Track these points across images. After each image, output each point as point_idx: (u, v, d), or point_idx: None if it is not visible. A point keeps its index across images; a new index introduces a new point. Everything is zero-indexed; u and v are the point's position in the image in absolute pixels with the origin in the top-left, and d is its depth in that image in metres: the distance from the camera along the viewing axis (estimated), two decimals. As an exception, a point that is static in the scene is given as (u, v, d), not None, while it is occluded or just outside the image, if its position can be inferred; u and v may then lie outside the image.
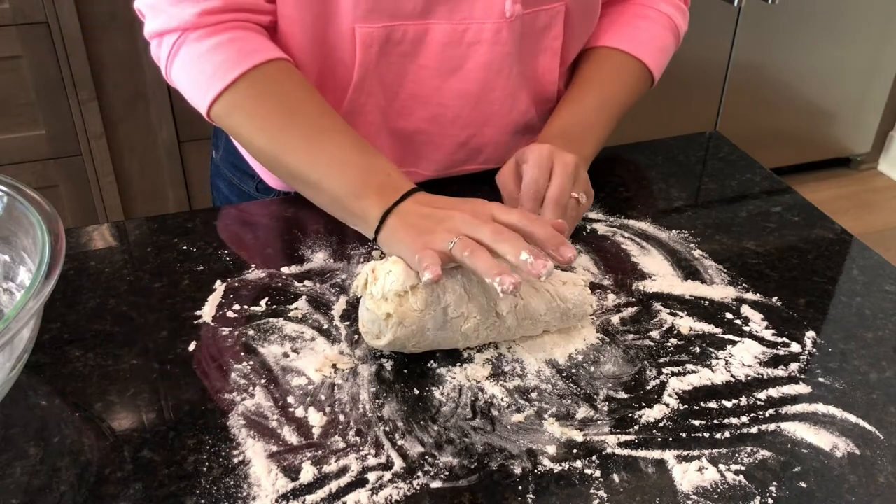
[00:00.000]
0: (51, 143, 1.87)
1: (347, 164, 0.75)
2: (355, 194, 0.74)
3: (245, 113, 0.79)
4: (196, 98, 0.81)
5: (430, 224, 0.69)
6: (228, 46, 0.78)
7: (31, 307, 0.55)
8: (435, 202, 0.72)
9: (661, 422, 0.64)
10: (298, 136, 0.77)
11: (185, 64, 0.80)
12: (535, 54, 0.90)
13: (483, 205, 0.70)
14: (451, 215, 0.68)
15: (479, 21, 0.83)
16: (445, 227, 0.67)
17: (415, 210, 0.71)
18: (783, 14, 2.38)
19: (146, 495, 0.57)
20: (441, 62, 0.85)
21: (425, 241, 0.67)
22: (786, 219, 0.90)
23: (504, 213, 0.68)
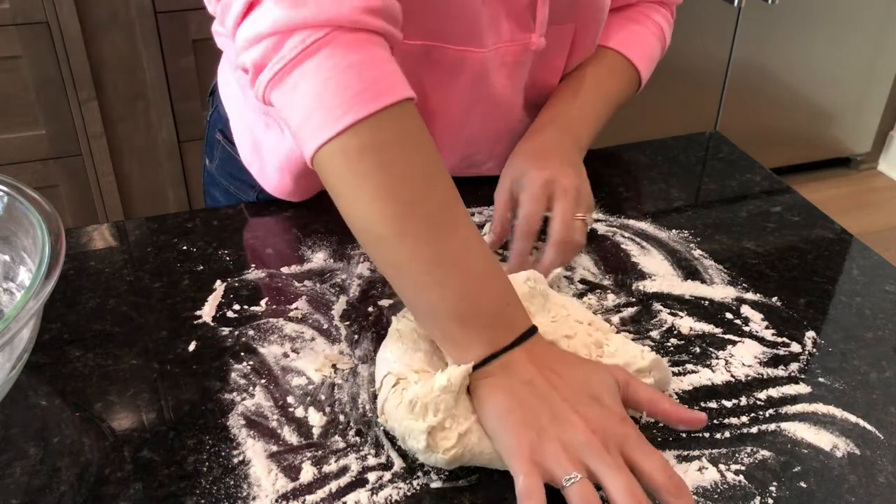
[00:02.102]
0: (51, 143, 1.87)
1: (471, 275, 0.60)
2: (467, 317, 0.59)
3: (377, 160, 0.59)
4: (317, 120, 0.60)
5: (540, 414, 0.56)
6: (384, 66, 0.61)
7: (31, 307, 0.55)
8: (554, 368, 0.58)
9: (661, 422, 0.64)
10: (422, 228, 0.60)
11: (320, 70, 0.60)
12: (541, 71, 0.89)
13: (616, 417, 0.56)
14: (571, 421, 0.55)
15: (507, 44, 0.82)
16: (563, 437, 0.55)
17: (527, 374, 0.58)
18: (783, 14, 2.38)
19: (146, 495, 0.57)
20: (474, 88, 0.83)
21: (533, 450, 0.54)
22: (786, 219, 0.90)
23: (644, 451, 0.54)
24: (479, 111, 0.87)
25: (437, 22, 0.78)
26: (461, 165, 0.94)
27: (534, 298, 0.68)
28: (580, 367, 0.60)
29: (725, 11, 2.31)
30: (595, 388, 0.58)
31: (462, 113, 0.86)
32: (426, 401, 0.57)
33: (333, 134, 0.59)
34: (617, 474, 0.53)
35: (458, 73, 0.82)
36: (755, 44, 2.42)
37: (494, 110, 0.88)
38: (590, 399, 0.57)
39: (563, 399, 0.57)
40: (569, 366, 0.60)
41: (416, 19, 0.76)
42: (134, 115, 1.90)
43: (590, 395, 0.57)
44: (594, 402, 0.57)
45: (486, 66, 0.82)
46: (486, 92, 0.85)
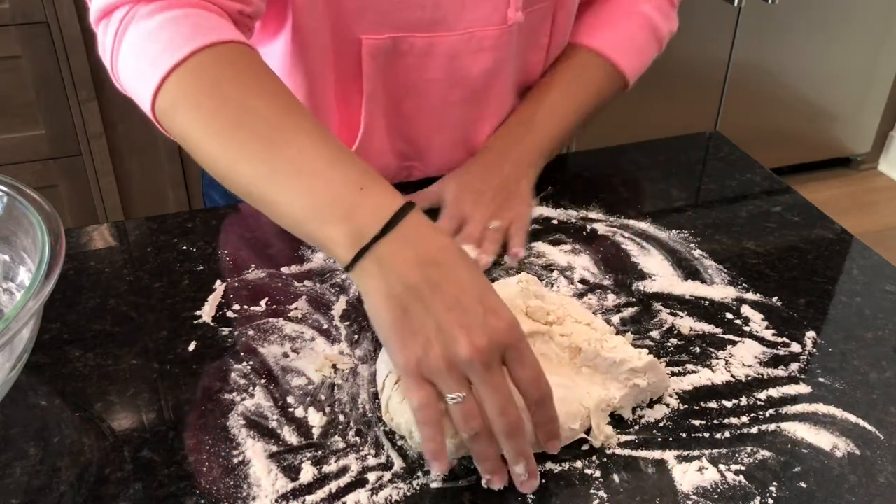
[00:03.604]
0: (51, 142, 1.87)
1: (314, 174, 0.59)
2: (321, 217, 0.57)
3: (192, 105, 0.62)
4: (141, 91, 0.65)
5: (425, 326, 0.53)
6: (182, 21, 0.64)
7: (31, 307, 0.55)
8: (434, 262, 0.55)
9: (661, 422, 0.64)
10: (255, 139, 0.60)
11: (131, 48, 0.66)
12: (526, 52, 0.90)
13: (499, 325, 0.54)
14: (455, 336, 0.53)
15: (482, 28, 0.83)
16: (447, 352, 0.53)
17: (404, 273, 0.54)
18: (783, 14, 2.38)
19: (146, 495, 0.57)
20: (449, 73, 0.85)
21: (420, 363, 0.53)
22: (786, 219, 0.90)
23: (519, 362, 0.54)
24: (459, 95, 0.87)
25: (399, 13, 0.79)
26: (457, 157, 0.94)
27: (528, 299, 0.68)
28: (464, 261, 0.57)
29: (725, 11, 2.31)
30: (479, 288, 0.55)
31: (441, 99, 0.87)
32: None
33: (151, 96, 0.64)
34: (493, 393, 0.53)
35: (428, 60, 0.83)
36: (755, 44, 2.42)
37: (477, 95, 0.88)
38: (475, 303, 0.54)
39: (447, 309, 0.53)
40: (452, 256, 0.56)
41: (377, 12, 0.78)
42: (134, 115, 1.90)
43: (474, 297, 0.54)
44: (480, 310, 0.54)
45: (457, 49, 0.83)
46: (462, 75, 0.85)
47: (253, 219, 0.90)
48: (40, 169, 1.89)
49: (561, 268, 0.81)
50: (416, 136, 0.91)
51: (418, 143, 0.91)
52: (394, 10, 0.79)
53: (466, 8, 0.81)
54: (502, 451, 0.55)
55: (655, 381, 0.64)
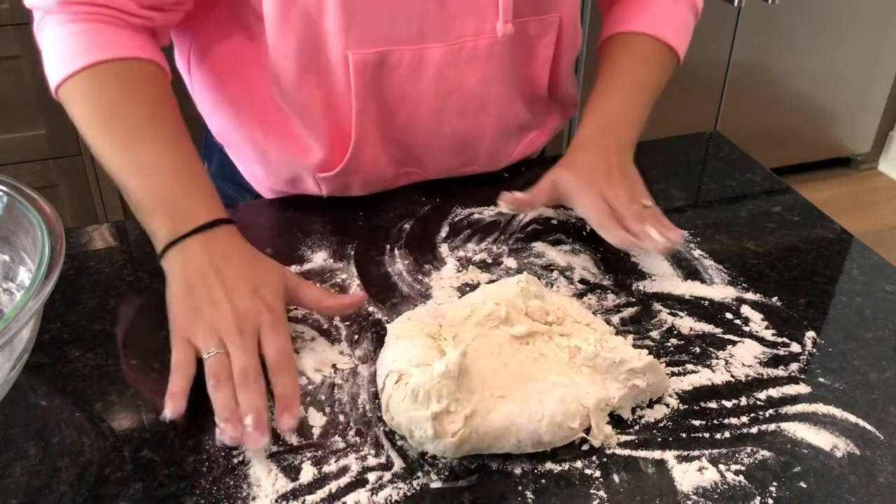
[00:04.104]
0: (51, 143, 1.87)
1: (148, 174, 0.73)
2: (147, 209, 0.72)
3: (79, 106, 0.77)
4: (49, 75, 0.79)
5: (202, 300, 0.66)
6: (83, 37, 0.76)
7: (31, 307, 0.55)
8: (226, 258, 0.68)
9: (661, 422, 0.64)
10: (117, 138, 0.75)
11: (46, 40, 0.79)
12: (527, 61, 0.89)
13: (259, 304, 0.66)
14: (220, 306, 0.65)
15: (473, 38, 0.82)
16: (213, 319, 0.65)
17: (198, 260, 0.68)
18: (783, 14, 2.38)
19: (146, 495, 0.57)
20: (440, 85, 0.85)
21: (189, 326, 0.65)
22: (786, 219, 0.90)
23: (270, 337, 0.65)
24: (453, 107, 0.87)
25: (385, 28, 0.79)
26: (456, 164, 0.94)
27: (528, 299, 0.68)
28: (251, 262, 0.70)
29: (725, 11, 2.31)
30: (255, 281, 0.67)
31: (434, 111, 0.87)
32: (428, 388, 0.58)
33: (54, 88, 0.78)
34: (241, 354, 0.63)
35: (418, 72, 0.83)
36: (755, 44, 2.41)
37: (471, 104, 0.88)
38: (248, 289, 0.66)
39: (222, 286, 0.66)
40: (242, 258, 0.70)
41: (362, 28, 0.77)
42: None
43: (249, 286, 0.67)
44: (249, 292, 0.66)
45: (447, 60, 0.83)
46: (453, 86, 0.85)
47: (253, 219, 0.90)
48: (40, 169, 1.89)
49: (561, 268, 0.81)
50: (412, 145, 0.90)
51: (415, 151, 0.91)
52: (379, 25, 0.78)
53: (454, 20, 0.81)
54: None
55: (655, 382, 0.64)
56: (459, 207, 0.90)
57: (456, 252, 0.83)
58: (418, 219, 0.89)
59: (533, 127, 0.98)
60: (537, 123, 0.99)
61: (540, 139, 1.01)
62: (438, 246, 0.84)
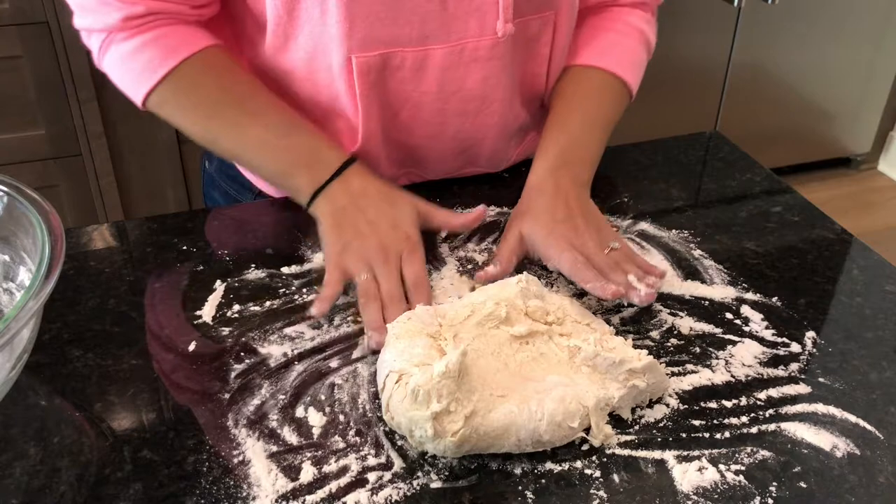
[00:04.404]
0: (51, 143, 1.87)
1: (274, 146, 0.81)
2: (286, 174, 0.81)
3: (175, 107, 0.83)
4: (129, 93, 0.83)
5: (351, 234, 0.76)
6: (154, 45, 0.80)
7: (31, 307, 0.55)
8: (364, 194, 0.79)
9: (661, 422, 0.64)
10: (225, 124, 0.82)
11: (115, 62, 0.82)
12: (526, 60, 0.89)
13: (399, 235, 0.76)
14: (367, 238, 0.75)
15: (475, 39, 0.82)
16: (362, 249, 0.75)
17: (342, 201, 0.78)
18: (783, 14, 2.38)
19: (146, 495, 0.57)
20: (442, 86, 0.85)
21: (342, 257, 0.75)
22: (786, 219, 0.90)
23: (409, 261, 0.75)
24: (455, 108, 0.87)
25: (387, 31, 0.79)
26: (457, 165, 0.94)
27: (528, 299, 0.68)
28: (387, 197, 0.79)
29: (725, 11, 2.31)
30: (393, 215, 0.78)
31: (437, 112, 0.87)
32: (428, 388, 0.58)
33: (141, 102, 0.83)
34: (387, 278, 0.73)
35: (421, 73, 0.83)
36: (755, 44, 2.41)
37: (473, 105, 0.88)
38: (387, 221, 0.77)
39: (367, 222, 0.77)
40: (378, 193, 0.79)
41: (364, 33, 0.78)
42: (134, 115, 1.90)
43: (388, 218, 0.77)
44: (390, 225, 0.77)
45: (449, 61, 0.83)
46: (456, 87, 0.85)
47: (253, 219, 0.90)
48: (40, 169, 1.89)
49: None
50: (414, 146, 0.91)
51: (416, 152, 0.91)
52: (381, 27, 0.79)
53: (455, 21, 0.81)
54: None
55: (655, 382, 0.64)
56: (459, 207, 0.90)
57: (456, 252, 0.83)
58: (418, 219, 0.89)
59: (532, 128, 0.98)
60: (536, 124, 0.99)
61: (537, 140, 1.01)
62: (438, 246, 0.84)
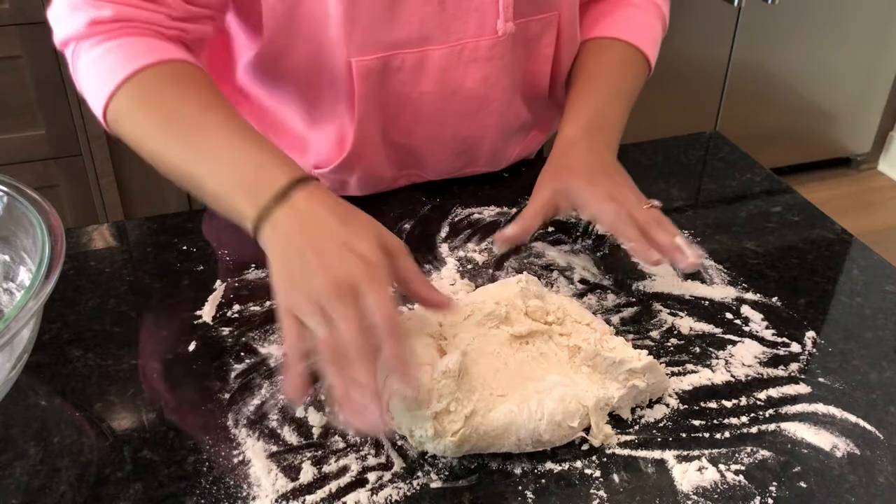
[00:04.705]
0: (51, 143, 1.86)
1: (218, 161, 0.68)
2: (227, 195, 0.66)
3: (130, 119, 0.73)
4: (94, 107, 0.76)
5: (296, 270, 0.60)
6: (116, 52, 0.73)
7: (31, 307, 0.55)
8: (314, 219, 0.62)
9: (661, 422, 0.64)
10: (176, 137, 0.71)
11: (82, 73, 0.76)
12: (528, 60, 0.89)
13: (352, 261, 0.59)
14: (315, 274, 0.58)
15: (474, 39, 0.82)
16: (309, 288, 0.58)
17: (289, 232, 0.62)
18: (783, 14, 2.38)
19: (146, 495, 0.57)
20: (441, 86, 0.84)
21: (290, 300, 0.59)
22: (786, 219, 0.90)
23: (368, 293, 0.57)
24: (454, 108, 0.87)
25: (386, 33, 0.79)
26: (457, 165, 0.94)
27: (528, 299, 0.68)
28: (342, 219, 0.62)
29: (725, 11, 2.31)
30: (344, 235, 0.61)
31: (436, 112, 0.87)
32: (428, 388, 0.58)
33: (101, 115, 0.74)
34: (343, 323, 0.56)
35: (420, 74, 0.83)
36: (755, 44, 2.41)
37: (472, 105, 0.87)
38: (337, 247, 0.60)
39: (313, 251, 0.60)
40: (332, 217, 0.62)
41: (363, 37, 0.77)
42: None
43: (338, 242, 0.60)
44: (338, 249, 0.59)
45: (448, 62, 0.83)
46: (455, 87, 0.85)
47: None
48: (40, 169, 1.89)
49: (561, 268, 0.81)
50: (413, 148, 0.90)
51: (415, 153, 0.91)
52: (380, 30, 0.78)
53: (454, 21, 0.81)
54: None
55: (655, 383, 0.64)
56: (459, 207, 0.90)
57: (456, 252, 0.83)
58: (418, 219, 0.89)
59: (533, 126, 0.98)
60: (537, 123, 0.99)
61: (539, 138, 1.01)
62: (438, 246, 0.84)
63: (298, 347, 0.57)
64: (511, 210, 0.90)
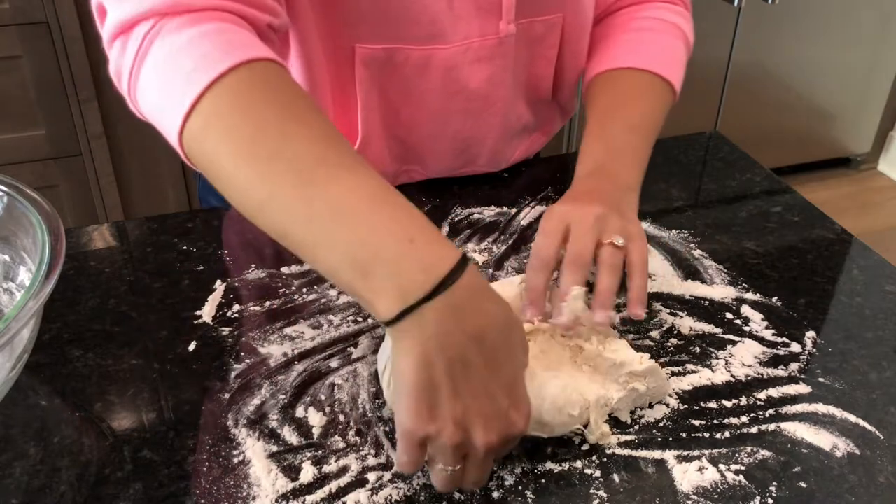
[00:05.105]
0: (51, 143, 1.86)
1: (356, 220, 0.52)
2: (359, 270, 0.51)
3: (226, 128, 0.56)
4: (169, 112, 0.58)
5: (445, 401, 0.51)
6: (215, 36, 0.58)
7: (31, 307, 0.55)
8: (476, 332, 0.51)
9: (661, 422, 0.64)
10: (293, 172, 0.54)
11: (157, 65, 0.59)
12: (531, 62, 0.89)
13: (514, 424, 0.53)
14: (472, 423, 0.51)
15: (479, 39, 0.82)
16: (454, 441, 0.51)
17: (442, 339, 0.50)
18: (783, 14, 2.38)
19: (146, 495, 0.57)
20: (445, 85, 0.84)
21: (427, 435, 0.51)
22: (786, 219, 0.90)
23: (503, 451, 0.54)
24: (458, 107, 0.87)
25: (396, 26, 0.78)
26: (457, 164, 0.94)
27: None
28: (503, 344, 0.53)
29: (725, 11, 2.31)
30: (511, 377, 0.54)
31: (439, 110, 0.86)
32: None
33: (180, 123, 0.57)
34: (478, 470, 0.54)
35: (425, 71, 0.82)
36: (755, 44, 2.41)
37: (476, 105, 0.87)
38: (502, 395, 0.53)
39: (474, 396, 0.51)
40: (495, 336, 0.53)
41: (372, 24, 0.77)
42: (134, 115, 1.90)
43: (504, 387, 0.53)
44: (504, 400, 0.53)
45: (454, 61, 0.82)
46: (459, 87, 0.85)
47: (253, 219, 0.89)
48: (40, 169, 1.89)
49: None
50: (416, 143, 0.90)
51: (418, 149, 0.91)
52: (389, 23, 0.78)
53: (462, 21, 0.81)
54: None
55: (655, 387, 0.64)
56: (459, 207, 0.90)
57: (456, 252, 0.83)
58: (418, 219, 0.89)
59: (535, 128, 0.98)
60: (539, 125, 0.99)
61: (540, 140, 1.01)
62: (438, 246, 0.84)
63: (413, 470, 0.54)
64: (511, 210, 0.90)
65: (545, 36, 0.87)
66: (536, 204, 0.91)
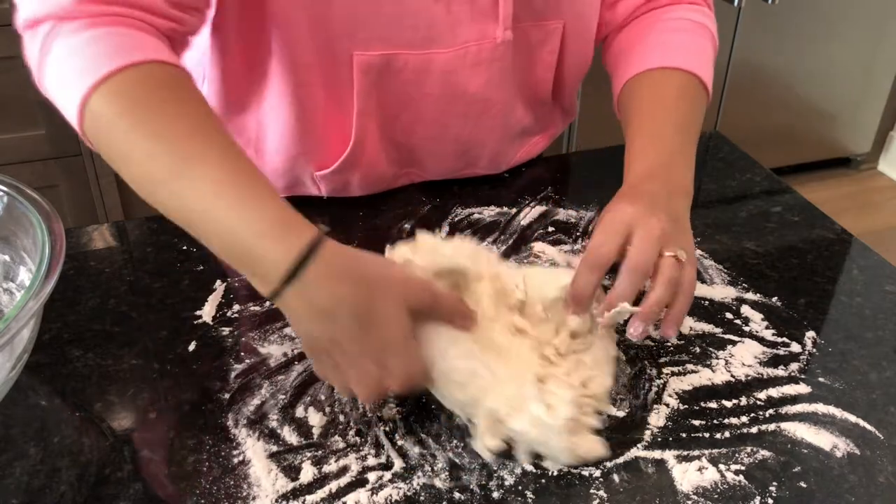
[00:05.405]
0: (51, 143, 1.86)
1: (216, 219, 0.59)
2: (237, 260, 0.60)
3: (112, 126, 0.62)
4: (66, 104, 0.65)
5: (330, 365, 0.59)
6: (106, 40, 0.64)
7: (31, 307, 0.55)
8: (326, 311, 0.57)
9: (661, 422, 0.64)
10: (164, 167, 0.60)
11: (56, 61, 0.65)
12: (530, 66, 0.89)
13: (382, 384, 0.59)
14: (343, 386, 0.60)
15: (477, 43, 0.82)
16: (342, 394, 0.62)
17: (304, 323, 0.59)
18: (783, 14, 2.38)
19: (146, 495, 0.57)
20: (444, 89, 0.84)
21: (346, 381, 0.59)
22: (786, 219, 0.90)
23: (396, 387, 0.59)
24: (457, 111, 0.87)
25: (392, 31, 0.78)
26: (458, 166, 0.94)
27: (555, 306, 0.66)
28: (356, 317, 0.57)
29: (725, 11, 2.31)
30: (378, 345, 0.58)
31: (438, 114, 0.86)
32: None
33: (78, 110, 0.63)
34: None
35: (424, 76, 0.82)
36: (755, 44, 2.41)
37: (475, 108, 0.87)
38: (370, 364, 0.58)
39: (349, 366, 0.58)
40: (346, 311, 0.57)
41: (368, 31, 0.77)
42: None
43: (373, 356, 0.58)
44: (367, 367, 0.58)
45: (452, 65, 0.82)
46: (458, 91, 0.85)
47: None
48: (40, 169, 1.89)
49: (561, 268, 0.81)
50: (414, 148, 0.90)
51: (416, 153, 0.91)
52: (386, 29, 0.78)
53: (460, 26, 0.80)
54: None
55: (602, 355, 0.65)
56: (459, 207, 0.90)
57: (456, 252, 0.83)
58: (418, 219, 0.89)
59: (535, 132, 0.98)
60: (540, 128, 0.98)
61: (541, 143, 1.01)
62: (438, 246, 0.84)
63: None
64: (511, 210, 0.90)
65: (544, 41, 0.87)
66: (536, 204, 0.91)
